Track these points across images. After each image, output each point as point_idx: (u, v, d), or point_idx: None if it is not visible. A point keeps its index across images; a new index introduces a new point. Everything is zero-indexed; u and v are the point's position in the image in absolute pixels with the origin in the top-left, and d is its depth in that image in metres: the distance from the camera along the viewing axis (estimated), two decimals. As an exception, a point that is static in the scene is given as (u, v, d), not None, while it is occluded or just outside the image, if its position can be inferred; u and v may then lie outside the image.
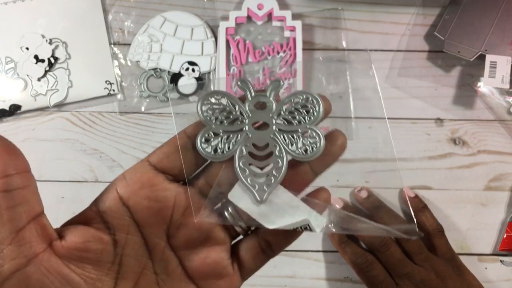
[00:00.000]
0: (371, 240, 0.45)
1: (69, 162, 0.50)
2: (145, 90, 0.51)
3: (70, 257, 0.23)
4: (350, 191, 0.50)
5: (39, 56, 0.51)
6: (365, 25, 0.53)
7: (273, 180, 0.25)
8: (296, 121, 0.26)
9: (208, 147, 0.25)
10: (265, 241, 0.27)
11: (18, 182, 0.22)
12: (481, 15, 0.49)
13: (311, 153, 0.25)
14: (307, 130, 0.25)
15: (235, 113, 0.26)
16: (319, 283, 0.49)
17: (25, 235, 0.22)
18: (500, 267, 0.49)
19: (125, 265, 0.25)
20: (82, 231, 0.24)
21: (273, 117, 0.25)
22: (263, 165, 0.26)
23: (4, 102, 0.50)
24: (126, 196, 0.25)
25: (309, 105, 0.25)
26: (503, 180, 0.50)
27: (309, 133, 0.25)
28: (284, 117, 0.26)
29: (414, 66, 0.52)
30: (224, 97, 0.26)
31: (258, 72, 0.51)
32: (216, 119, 0.25)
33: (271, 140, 0.25)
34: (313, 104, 0.25)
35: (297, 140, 0.25)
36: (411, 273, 0.43)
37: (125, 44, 0.52)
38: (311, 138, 0.25)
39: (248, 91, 0.25)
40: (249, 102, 0.25)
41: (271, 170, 0.25)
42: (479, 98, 0.51)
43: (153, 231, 0.26)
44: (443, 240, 0.46)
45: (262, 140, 0.25)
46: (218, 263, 0.26)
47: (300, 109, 0.26)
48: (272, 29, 0.52)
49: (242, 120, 0.26)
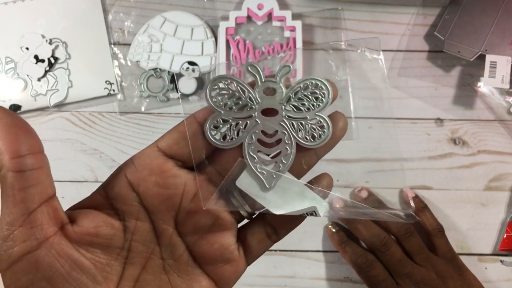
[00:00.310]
0: (371, 240, 0.45)
1: (69, 162, 0.50)
2: (145, 90, 0.51)
3: (81, 241, 0.23)
4: (350, 191, 0.50)
5: (39, 56, 0.51)
6: (365, 25, 0.53)
7: (281, 167, 0.25)
8: (305, 108, 0.25)
9: (217, 134, 0.25)
10: (271, 226, 0.27)
11: (32, 163, 0.22)
12: (481, 15, 0.49)
13: (319, 140, 0.25)
14: (315, 117, 0.25)
15: (244, 99, 0.25)
16: (319, 283, 0.49)
17: (37, 218, 0.22)
18: (500, 267, 0.49)
19: (133, 251, 0.25)
20: (94, 216, 0.24)
21: (282, 104, 0.25)
22: (271, 152, 0.26)
23: (4, 102, 0.50)
24: (136, 182, 0.25)
25: (318, 91, 0.25)
26: (503, 180, 0.50)
27: (317, 120, 0.25)
28: (293, 103, 0.25)
29: (414, 66, 0.52)
30: (233, 82, 0.25)
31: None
32: (225, 105, 0.25)
33: (280, 127, 0.25)
34: (322, 90, 0.25)
35: (305, 127, 0.25)
36: (411, 273, 0.43)
37: (125, 44, 0.52)
38: (319, 125, 0.25)
39: (258, 76, 0.25)
40: (258, 88, 0.25)
41: (279, 157, 0.25)
42: (479, 98, 0.51)
43: (161, 217, 0.25)
44: (443, 240, 0.46)
45: (271, 127, 0.25)
46: (225, 248, 0.26)
47: (309, 95, 0.25)
48: (272, 29, 0.52)
49: (251, 107, 0.25)
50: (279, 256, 0.49)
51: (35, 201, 0.22)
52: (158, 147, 0.25)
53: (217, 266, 0.26)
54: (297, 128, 0.25)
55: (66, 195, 0.50)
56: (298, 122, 0.25)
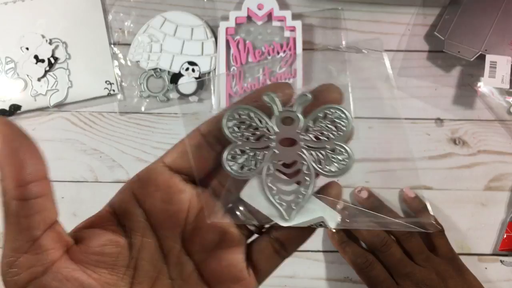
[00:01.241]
0: (371, 240, 0.45)
1: (69, 162, 0.50)
2: (145, 90, 0.51)
3: (87, 262, 0.23)
4: (350, 191, 0.50)
5: (39, 56, 0.51)
6: (365, 25, 0.53)
7: (300, 197, 0.25)
8: (324, 137, 0.25)
9: (234, 165, 0.25)
10: (278, 241, 0.26)
11: (37, 191, 0.21)
12: (481, 15, 0.49)
13: (339, 171, 0.24)
14: (335, 146, 0.25)
15: (262, 129, 0.25)
16: (319, 283, 0.49)
17: (42, 243, 0.21)
18: (500, 267, 0.49)
19: (140, 269, 0.24)
20: (99, 234, 0.24)
21: (300, 133, 0.25)
22: (290, 183, 0.25)
23: (4, 102, 0.50)
24: (142, 198, 0.25)
25: (337, 120, 0.24)
26: (503, 180, 0.50)
27: (338, 150, 0.25)
28: (312, 133, 0.25)
29: (414, 66, 0.52)
30: (250, 112, 0.24)
31: (258, 72, 0.51)
32: (242, 136, 0.25)
33: (299, 157, 0.25)
34: (342, 119, 0.24)
35: (325, 157, 0.25)
36: (411, 273, 0.43)
37: (125, 44, 0.52)
38: (339, 155, 0.24)
39: (275, 105, 0.24)
40: (275, 118, 0.24)
41: (297, 188, 0.25)
42: (479, 98, 0.51)
43: (168, 234, 0.25)
44: (443, 240, 0.46)
45: (289, 157, 0.25)
46: (234, 266, 0.25)
47: (329, 124, 0.24)
48: (272, 29, 0.52)
49: (268, 137, 0.25)
50: (279, 256, 0.49)
51: (40, 228, 0.21)
52: (163, 162, 0.25)
53: (227, 286, 0.26)
54: (317, 159, 0.25)
55: (66, 195, 0.50)
56: (318, 151, 0.25)
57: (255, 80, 0.51)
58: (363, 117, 0.51)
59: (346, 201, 0.28)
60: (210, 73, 0.51)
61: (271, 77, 0.51)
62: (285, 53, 0.51)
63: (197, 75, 0.51)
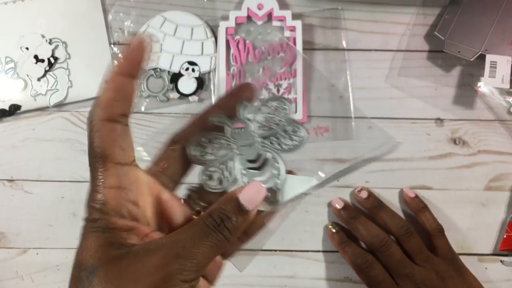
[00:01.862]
0: (371, 240, 0.45)
1: (69, 162, 0.50)
2: (145, 90, 0.51)
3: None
4: (350, 191, 0.50)
5: (39, 56, 0.51)
6: (365, 25, 0.53)
7: (278, 179, 0.28)
8: (274, 125, 0.28)
9: (213, 182, 0.28)
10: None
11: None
12: (481, 15, 0.49)
13: (297, 143, 0.28)
14: (285, 128, 0.28)
15: (223, 144, 0.28)
16: (319, 283, 0.49)
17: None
18: (500, 267, 0.49)
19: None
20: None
21: (254, 132, 0.28)
22: (263, 173, 0.28)
23: (4, 102, 0.50)
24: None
25: (279, 108, 0.29)
26: (503, 180, 0.50)
27: (289, 129, 0.28)
28: (262, 126, 0.29)
29: (414, 66, 0.52)
30: (208, 136, 0.28)
31: (258, 72, 0.51)
32: (209, 156, 0.28)
33: (260, 149, 0.28)
34: (282, 103, 0.29)
35: (281, 138, 0.28)
36: (411, 273, 0.43)
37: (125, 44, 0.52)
38: (292, 133, 0.28)
39: (226, 125, 0.28)
40: (230, 131, 0.28)
41: (271, 173, 0.28)
42: (479, 98, 0.51)
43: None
44: (443, 241, 0.46)
45: (253, 154, 0.28)
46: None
47: (273, 113, 0.28)
48: (272, 29, 0.52)
49: (230, 148, 0.28)
50: (279, 256, 0.49)
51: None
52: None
53: None
54: (276, 143, 0.28)
55: (66, 195, 0.50)
56: (274, 137, 0.28)
57: (255, 80, 0.51)
58: (363, 117, 0.51)
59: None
60: (210, 73, 0.51)
61: (271, 77, 0.51)
62: (285, 53, 0.51)
63: (197, 75, 0.51)
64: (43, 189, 0.50)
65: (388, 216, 0.47)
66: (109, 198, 0.25)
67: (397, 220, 0.47)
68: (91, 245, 0.23)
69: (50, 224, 0.50)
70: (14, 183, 0.50)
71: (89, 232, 0.24)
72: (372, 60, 0.52)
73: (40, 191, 0.50)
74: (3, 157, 0.51)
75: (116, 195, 0.25)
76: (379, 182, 0.50)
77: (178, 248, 0.23)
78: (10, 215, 0.50)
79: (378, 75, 0.52)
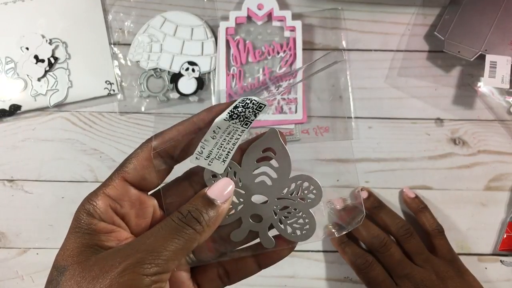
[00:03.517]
0: (371, 240, 0.45)
1: (69, 162, 0.50)
2: (145, 90, 0.51)
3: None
4: (350, 191, 0.50)
5: (39, 56, 0.51)
6: (365, 25, 0.53)
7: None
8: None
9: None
10: (224, 268, 0.29)
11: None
12: (481, 15, 0.49)
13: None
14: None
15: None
16: (319, 283, 0.49)
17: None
18: (500, 267, 0.49)
19: None
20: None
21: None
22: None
23: (4, 102, 0.50)
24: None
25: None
26: (503, 180, 0.50)
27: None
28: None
29: (414, 66, 0.52)
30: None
31: (258, 72, 0.51)
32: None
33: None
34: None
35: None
36: (411, 274, 0.43)
37: (125, 44, 0.52)
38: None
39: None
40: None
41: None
42: (479, 98, 0.51)
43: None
44: (443, 241, 0.46)
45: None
46: (182, 282, 0.28)
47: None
48: (272, 29, 0.52)
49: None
50: (279, 256, 0.49)
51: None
52: (124, 179, 0.27)
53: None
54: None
55: (66, 195, 0.50)
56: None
57: (255, 80, 0.51)
58: (363, 117, 0.51)
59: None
60: (210, 73, 0.51)
61: (271, 77, 0.51)
62: (285, 53, 0.51)
63: (197, 75, 0.51)
64: (43, 189, 0.50)
65: (388, 216, 0.47)
66: (103, 203, 0.26)
67: (397, 220, 0.47)
68: (69, 246, 0.24)
69: (50, 224, 0.50)
70: (14, 183, 0.50)
71: (71, 233, 0.25)
72: (372, 60, 0.52)
73: (40, 191, 0.50)
74: (3, 157, 0.51)
75: (110, 204, 0.26)
76: (379, 182, 0.50)
77: (140, 244, 0.23)
78: (10, 215, 0.50)
79: (378, 75, 0.52)
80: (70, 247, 0.24)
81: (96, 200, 0.25)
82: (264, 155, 0.28)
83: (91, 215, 0.25)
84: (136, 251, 0.23)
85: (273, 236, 0.29)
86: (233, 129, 0.27)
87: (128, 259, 0.22)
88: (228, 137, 0.27)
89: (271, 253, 0.29)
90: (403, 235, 0.46)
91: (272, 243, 0.29)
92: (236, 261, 0.29)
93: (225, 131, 0.27)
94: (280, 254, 0.29)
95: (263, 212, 0.28)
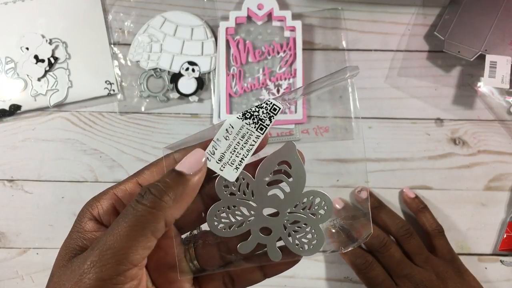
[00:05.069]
0: (371, 241, 0.45)
1: (69, 162, 0.50)
2: (145, 90, 0.51)
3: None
4: (350, 191, 0.50)
5: (39, 56, 0.51)
6: (365, 25, 0.53)
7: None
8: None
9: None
10: (229, 276, 0.29)
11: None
12: (481, 15, 0.49)
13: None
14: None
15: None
16: (319, 283, 0.49)
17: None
18: (500, 267, 0.49)
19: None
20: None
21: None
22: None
23: (4, 102, 0.50)
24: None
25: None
26: (503, 180, 0.50)
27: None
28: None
29: (414, 66, 0.52)
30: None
31: (258, 72, 0.51)
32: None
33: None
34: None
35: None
36: (411, 274, 0.43)
37: (125, 44, 0.52)
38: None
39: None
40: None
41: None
42: (479, 98, 0.51)
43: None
44: (443, 241, 0.46)
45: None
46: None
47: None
48: (272, 29, 0.52)
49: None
50: (279, 256, 0.49)
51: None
52: (138, 182, 0.27)
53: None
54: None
55: (66, 195, 0.50)
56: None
57: (255, 80, 0.51)
58: (363, 117, 0.51)
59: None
60: (210, 73, 0.51)
61: (271, 78, 0.51)
62: (285, 53, 0.51)
63: (197, 75, 0.51)
64: (43, 189, 0.50)
65: (388, 216, 0.47)
66: (107, 202, 0.26)
67: (397, 220, 0.47)
68: (60, 251, 0.25)
69: (50, 224, 0.50)
70: (14, 183, 0.50)
71: (67, 237, 0.25)
72: (372, 60, 0.52)
73: (40, 191, 0.50)
74: (3, 157, 0.51)
75: (115, 203, 0.26)
76: (379, 182, 0.50)
77: (101, 243, 0.23)
78: (10, 215, 0.50)
79: (378, 75, 0.52)
80: (60, 252, 0.25)
81: (102, 198, 0.26)
82: (279, 167, 0.27)
83: (82, 215, 0.25)
84: (99, 252, 0.22)
85: (278, 247, 0.29)
86: (247, 132, 0.26)
87: (90, 260, 0.22)
88: (242, 141, 0.26)
89: (277, 264, 0.29)
90: (403, 235, 0.46)
91: (279, 256, 0.29)
92: (242, 269, 0.29)
93: (238, 133, 0.26)
94: (286, 265, 0.30)
95: (273, 225, 0.28)
